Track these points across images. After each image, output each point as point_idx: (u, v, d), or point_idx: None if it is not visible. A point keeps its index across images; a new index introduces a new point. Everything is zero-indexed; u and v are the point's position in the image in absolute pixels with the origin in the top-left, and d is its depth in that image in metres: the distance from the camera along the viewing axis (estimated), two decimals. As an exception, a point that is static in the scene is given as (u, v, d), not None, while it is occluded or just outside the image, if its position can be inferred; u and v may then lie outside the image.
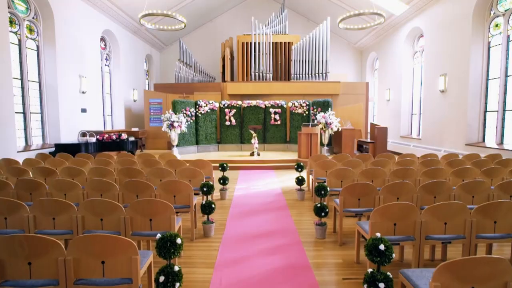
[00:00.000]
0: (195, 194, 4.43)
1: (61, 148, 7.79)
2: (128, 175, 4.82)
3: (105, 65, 12.17)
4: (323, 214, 3.80)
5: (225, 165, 5.82)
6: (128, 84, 13.49)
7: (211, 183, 4.02)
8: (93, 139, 8.43)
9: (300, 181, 5.69)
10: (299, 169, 5.76)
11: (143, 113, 13.78)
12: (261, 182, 7.40)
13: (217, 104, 11.79)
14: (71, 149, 7.81)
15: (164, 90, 13.34)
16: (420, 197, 3.63)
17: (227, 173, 8.16)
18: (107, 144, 8.56)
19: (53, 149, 7.94)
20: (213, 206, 3.92)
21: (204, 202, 3.93)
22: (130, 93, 13.71)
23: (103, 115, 11.93)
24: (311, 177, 6.18)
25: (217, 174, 6.52)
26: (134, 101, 14.09)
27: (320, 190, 3.82)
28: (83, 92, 9.87)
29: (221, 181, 5.77)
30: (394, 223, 2.73)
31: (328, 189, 3.86)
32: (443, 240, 2.76)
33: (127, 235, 2.89)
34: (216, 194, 6.11)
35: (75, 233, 2.89)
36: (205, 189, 3.93)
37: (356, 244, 3.21)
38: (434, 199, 3.67)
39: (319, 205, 3.82)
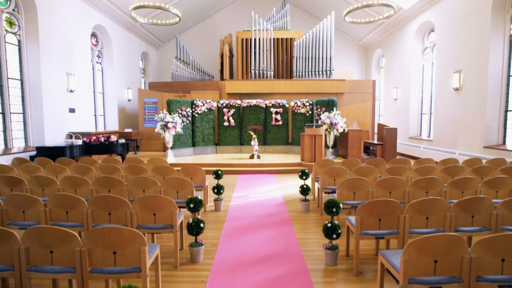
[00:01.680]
0: (183, 207, 3.78)
1: (43, 151, 7.15)
2: (106, 185, 4.16)
3: (97, 62, 11.52)
4: (334, 236, 3.13)
5: (219, 172, 5.15)
6: (122, 83, 12.84)
7: (199, 198, 3.34)
8: (79, 142, 7.79)
9: (304, 190, 5.02)
10: (304, 177, 5.09)
11: (138, 113, 13.13)
12: (261, 189, 6.73)
13: (215, 104, 11.13)
14: (54, 152, 7.18)
15: (160, 89, 12.70)
16: (454, 216, 2.95)
17: (224, 179, 7.52)
18: (94, 147, 7.91)
19: (35, 153, 7.29)
20: (201, 225, 3.26)
21: (191, 221, 3.27)
22: (124, 92, 13.06)
23: (95, 115, 11.29)
24: (316, 185, 5.52)
25: (213, 181, 5.87)
26: (129, 100, 13.44)
27: (330, 207, 3.15)
28: (71, 91, 9.22)
29: (216, 191, 5.10)
30: (434, 260, 2.06)
31: (341, 205, 3.18)
32: (501, 282, 2.08)
33: (84, 272, 2.23)
34: (210, 204, 5.45)
35: (17, 269, 2.23)
36: (191, 205, 3.26)
37: (379, 279, 2.54)
38: (472, 219, 2.99)
39: (329, 224, 3.16)
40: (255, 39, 12.49)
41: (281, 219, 4.71)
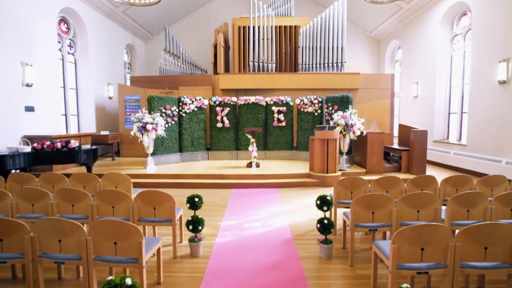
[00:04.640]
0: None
1: (-26, 162, 5.46)
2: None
3: (69, 53, 9.82)
4: None
5: (196, 200, 3.41)
6: (102, 78, 11.13)
7: (132, 281, 1.62)
8: (28, 149, 6.08)
9: (325, 228, 3.29)
10: (325, 208, 3.36)
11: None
12: (261, 214, 5.02)
13: (206, 101, 9.41)
14: (-9, 163, 5.49)
15: (143, 85, 10.99)
16: None
17: (214, 196, 5.84)
18: (47, 155, 6.19)
19: (-35, 164, 5.60)
20: None
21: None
22: (104, 88, 11.35)
23: (65, 115, 9.60)
24: (339, 213, 3.80)
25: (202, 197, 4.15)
26: (110, 98, 11.72)
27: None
28: (28, 85, 7.52)
29: (191, 228, 3.39)
30: None
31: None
32: None
33: None
34: (184, 243, 3.74)
35: None
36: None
37: None
38: None
39: None
40: (254, 27, 10.78)
41: (290, 277, 3.00)
